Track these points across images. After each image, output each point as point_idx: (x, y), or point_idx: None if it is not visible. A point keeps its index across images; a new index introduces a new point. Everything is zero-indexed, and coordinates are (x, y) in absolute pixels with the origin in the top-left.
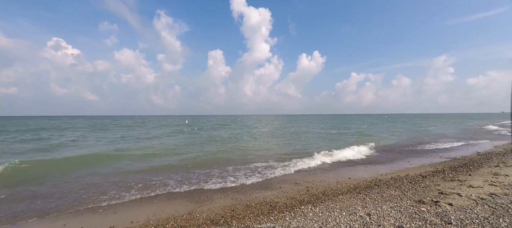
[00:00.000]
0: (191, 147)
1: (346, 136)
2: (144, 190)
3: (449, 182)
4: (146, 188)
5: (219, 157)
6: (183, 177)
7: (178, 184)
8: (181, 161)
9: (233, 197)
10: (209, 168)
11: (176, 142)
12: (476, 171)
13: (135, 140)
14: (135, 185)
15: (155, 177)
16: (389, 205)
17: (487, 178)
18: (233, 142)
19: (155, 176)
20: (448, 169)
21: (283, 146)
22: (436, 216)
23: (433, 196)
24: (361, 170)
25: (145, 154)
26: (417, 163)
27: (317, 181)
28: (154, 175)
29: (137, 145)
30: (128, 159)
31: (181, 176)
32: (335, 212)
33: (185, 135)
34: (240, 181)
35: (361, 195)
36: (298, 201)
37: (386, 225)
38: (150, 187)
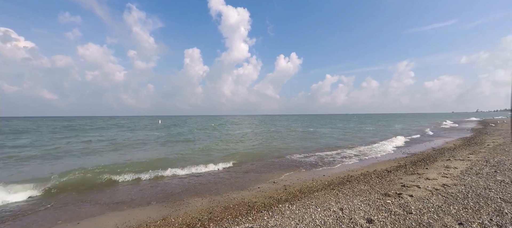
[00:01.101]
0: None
1: (323, 136)
2: (113, 195)
3: (410, 175)
4: (114, 193)
5: (197, 158)
6: (158, 181)
7: (151, 188)
8: (153, 163)
9: (210, 199)
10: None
11: (143, 146)
12: (431, 164)
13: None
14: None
15: (124, 180)
16: (359, 199)
17: (440, 171)
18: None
19: (124, 180)
20: (409, 163)
21: (264, 145)
22: (399, 207)
23: (397, 189)
24: (335, 168)
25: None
26: (384, 159)
27: (294, 179)
28: (123, 178)
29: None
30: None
31: (155, 181)
32: (311, 209)
33: (160, 134)
34: (218, 183)
35: (334, 191)
36: (276, 199)
37: (357, 218)
38: (118, 192)
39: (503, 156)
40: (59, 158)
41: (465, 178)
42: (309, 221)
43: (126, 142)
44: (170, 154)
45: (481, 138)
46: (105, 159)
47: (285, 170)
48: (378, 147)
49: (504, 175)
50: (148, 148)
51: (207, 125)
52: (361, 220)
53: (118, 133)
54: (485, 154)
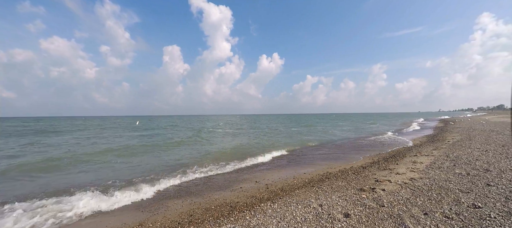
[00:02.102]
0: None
1: (304, 134)
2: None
3: (383, 171)
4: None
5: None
6: (134, 185)
7: (127, 193)
8: (133, 166)
9: (191, 202)
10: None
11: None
12: (401, 160)
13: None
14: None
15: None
16: (337, 195)
17: (408, 166)
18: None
19: (97, 184)
20: (382, 160)
21: (246, 145)
22: (373, 201)
23: (371, 184)
24: (316, 165)
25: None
26: (360, 156)
27: (276, 178)
28: (96, 183)
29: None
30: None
31: (132, 184)
32: (292, 206)
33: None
34: (199, 184)
35: (314, 188)
36: (258, 199)
37: (335, 213)
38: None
39: (460, 151)
40: None
41: (429, 172)
42: (290, 219)
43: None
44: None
45: (442, 135)
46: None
47: (268, 169)
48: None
49: (461, 168)
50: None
51: (205, 126)
52: (338, 215)
53: (83, 137)
54: (445, 149)
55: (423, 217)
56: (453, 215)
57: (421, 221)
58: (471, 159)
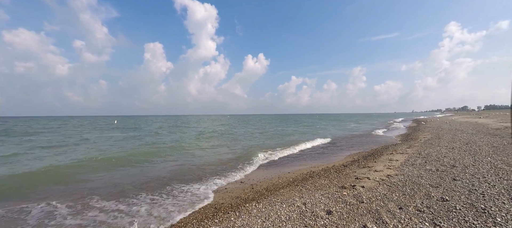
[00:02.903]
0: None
1: (289, 134)
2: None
3: (362, 169)
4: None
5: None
6: (116, 190)
7: (104, 199)
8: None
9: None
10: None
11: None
12: (379, 158)
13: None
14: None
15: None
16: (320, 193)
17: (385, 163)
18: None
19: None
20: (362, 158)
21: (231, 145)
22: (353, 197)
23: (351, 181)
24: (299, 164)
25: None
26: (342, 155)
27: (261, 178)
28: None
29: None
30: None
31: (113, 189)
32: (277, 206)
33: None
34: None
35: (298, 187)
36: (243, 199)
37: (318, 210)
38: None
39: (430, 149)
40: None
41: (404, 168)
42: (275, 218)
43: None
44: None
45: (415, 134)
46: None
47: (254, 169)
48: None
49: (431, 164)
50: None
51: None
52: (321, 212)
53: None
54: (418, 147)
55: (398, 211)
56: (424, 208)
57: (396, 215)
58: (440, 156)
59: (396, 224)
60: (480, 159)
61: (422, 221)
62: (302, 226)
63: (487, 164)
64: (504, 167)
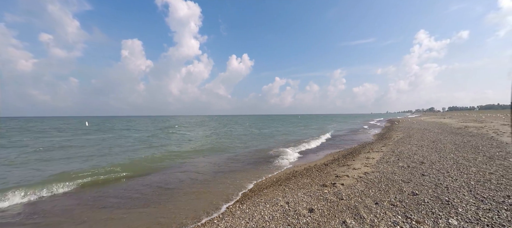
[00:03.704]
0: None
1: (272, 135)
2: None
3: (342, 167)
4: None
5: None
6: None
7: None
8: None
9: (154, 209)
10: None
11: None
12: (357, 156)
13: None
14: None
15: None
16: (302, 191)
17: (363, 161)
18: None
19: None
20: (341, 157)
21: (216, 146)
22: (334, 195)
23: (332, 179)
24: (283, 164)
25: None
26: (323, 154)
27: (245, 179)
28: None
29: None
30: None
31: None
32: (260, 206)
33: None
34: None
35: (282, 186)
36: (226, 200)
37: (300, 209)
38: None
39: (403, 147)
40: None
41: (379, 166)
42: (258, 218)
43: None
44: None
45: (389, 134)
46: None
47: (237, 170)
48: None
49: (403, 161)
50: None
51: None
52: (304, 211)
53: None
54: (392, 146)
55: (374, 206)
56: (397, 202)
57: (373, 210)
58: (411, 154)
59: (373, 218)
60: (445, 155)
61: (396, 215)
62: (285, 225)
63: (450, 160)
64: (464, 162)
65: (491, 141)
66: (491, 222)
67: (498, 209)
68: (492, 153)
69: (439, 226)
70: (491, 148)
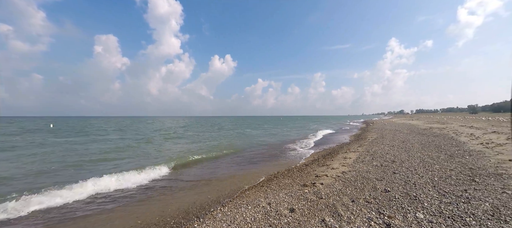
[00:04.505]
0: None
1: (255, 136)
2: None
3: (321, 167)
4: None
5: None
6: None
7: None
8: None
9: (136, 214)
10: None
11: None
12: (335, 156)
13: None
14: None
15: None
16: (284, 192)
17: (341, 161)
18: None
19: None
20: (321, 157)
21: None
22: (314, 194)
23: (312, 179)
24: (265, 165)
25: None
26: (304, 154)
27: (227, 181)
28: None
29: None
30: None
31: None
32: (242, 208)
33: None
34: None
35: (264, 187)
36: (207, 204)
37: (282, 209)
38: None
39: (376, 147)
40: None
41: (355, 165)
42: (240, 221)
43: None
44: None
45: (365, 134)
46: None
47: (219, 172)
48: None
49: (377, 161)
50: None
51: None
52: (285, 211)
53: None
54: (367, 146)
55: (351, 204)
56: (371, 199)
57: (349, 207)
58: (383, 153)
59: (349, 215)
60: (413, 154)
61: (370, 211)
62: (267, 226)
63: (418, 158)
64: (429, 160)
65: (451, 141)
66: (451, 214)
67: (457, 202)
68: (452, 151)
69: (408, 219)
70: (451, 147)
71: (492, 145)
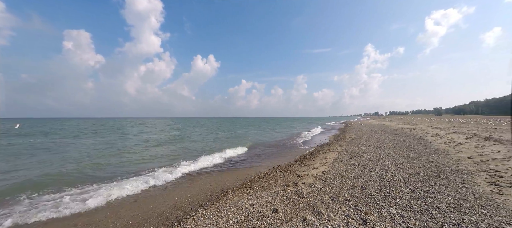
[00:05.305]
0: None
1: (238, 138)
2: None
3: (303, 167)
4: None
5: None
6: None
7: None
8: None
9: (114, 215)
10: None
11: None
12: (316, 156)
13: None
14: None
15: None
16: (267, 193)
17: (321, 161)
18: None
19: None
20: (303, 157)
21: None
22: (296, 194)
23: (294, 179)
24: (248, 167)
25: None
26: (287, 155)
27: (210, 182)
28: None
29: None
30: None
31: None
32: (225, 210)
33: None
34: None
35: (247, 189)
36: (189, 207)
37: (265, 210)
38: None
39: (354, 147)
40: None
41: (335, 164)
42: (223, 223)
43: None
44: None
45: (344, 135)
46: None
47: (202, 175)
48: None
49: (355, 160)
50: None
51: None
52: (268, 212)
53: None
54: (346, 146)
55: (331, 202)
56: (350, 197)
57: (329, 205)
58: (360, 153)
59: (329, 213)
60: (386, 153)
61: (348, 208)
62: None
63: (391, 157)
64: (401, 159)
65: (419, 140)
66: (420, 208)
67: (425, 197)
68: (420, 150)
69: (382, 215)
70: (419, 146)
71: (454, 144)
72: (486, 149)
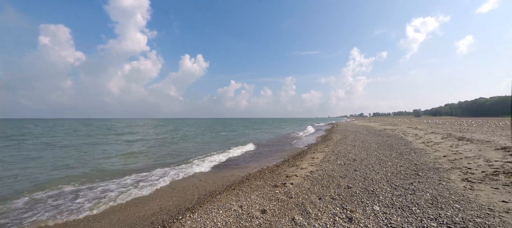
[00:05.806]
0: None
1: (231, 138)
2: None
3: (291, 167)
4: None
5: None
6: None
7: None
8: None
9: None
10: None
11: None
12: (304, 157)
13: None
14: None
15: None
16: (256, 194)
17: (309, 161)
18: None
19: None
20: (291, 158)
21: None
22: (284, 194)
23: (282, 179)
24: (237, 168)
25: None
26: (276, 155)
27: (197, 185)
28: None
29: None
30: None
31: None
32: (213, 213)
33: None
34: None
35: (235, 190)
36: (176, 211)
37: (253, 211)
38: None
39: (340, 147)
40: None
41: (322, 164)
42: (211, 226)
43: None
44: None
45: (330, 136)
46: None
47: (189, 178)
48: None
49: (341, 160)
50: None
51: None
52: (256, 213)
53: None
54: (332, 146)
55: (318, 201)
56: (336, 196)
57: (317, 204)
58: (346, 153)
59: (317, 212)
60: (370, 153)
61: (335, 207)
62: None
63: (374, 156)
64: (383, 158)
65: (400, 140)
66: (401, 205)
67: (405, 194)
68: (401, 150)
69: (367, 212)
70: (400, 146)
71: (431, 143)
72: (460, 148)
